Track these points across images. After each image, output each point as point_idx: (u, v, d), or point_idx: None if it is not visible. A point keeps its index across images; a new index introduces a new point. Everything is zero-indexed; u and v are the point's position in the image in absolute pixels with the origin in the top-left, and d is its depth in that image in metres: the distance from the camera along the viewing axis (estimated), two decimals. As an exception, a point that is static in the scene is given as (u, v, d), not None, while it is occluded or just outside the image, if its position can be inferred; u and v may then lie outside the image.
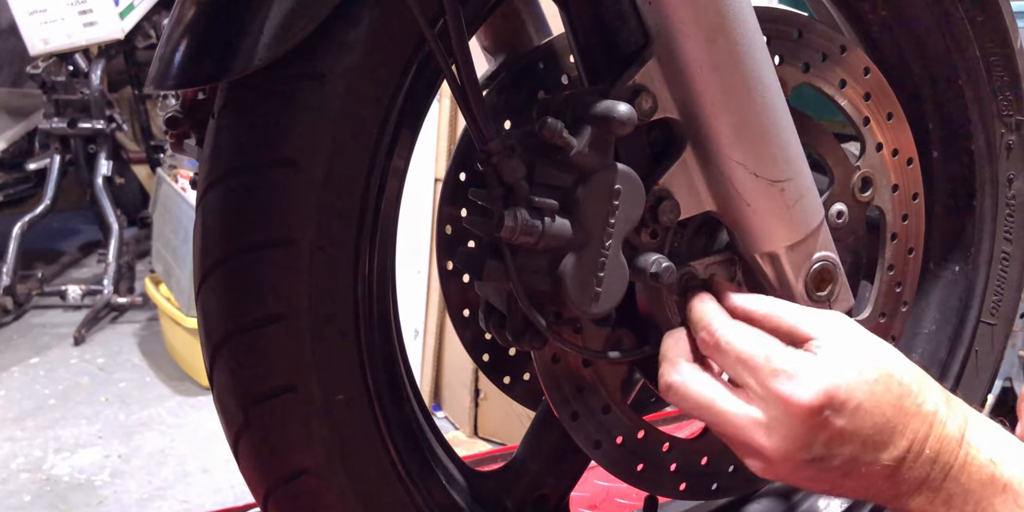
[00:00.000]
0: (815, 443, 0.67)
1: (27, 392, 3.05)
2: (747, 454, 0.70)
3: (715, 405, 0.70)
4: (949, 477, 0.68)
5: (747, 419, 0.69)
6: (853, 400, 0.67)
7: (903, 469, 0.67)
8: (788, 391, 0.67)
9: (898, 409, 0.68)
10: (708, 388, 0.71)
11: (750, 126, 0.74)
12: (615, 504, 1.39)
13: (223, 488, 2.47)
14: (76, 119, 3.76)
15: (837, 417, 0.66)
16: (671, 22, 0.70)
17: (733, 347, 0.71)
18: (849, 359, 0.68)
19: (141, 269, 3.99)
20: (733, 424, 0.69)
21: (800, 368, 0.68)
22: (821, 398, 0.66)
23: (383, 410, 0.74)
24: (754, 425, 0.68)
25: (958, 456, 0.68)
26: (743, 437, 0.69)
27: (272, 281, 0.67)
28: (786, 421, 0.67)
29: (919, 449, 0.67)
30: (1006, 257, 1.07)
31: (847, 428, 0.67)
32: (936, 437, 0.68)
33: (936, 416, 0.68)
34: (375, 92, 0.67)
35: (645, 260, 0.74)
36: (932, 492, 0.68)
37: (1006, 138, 1.04)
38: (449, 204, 0.85)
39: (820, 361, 0.68)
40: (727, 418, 0.70)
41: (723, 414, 0.70)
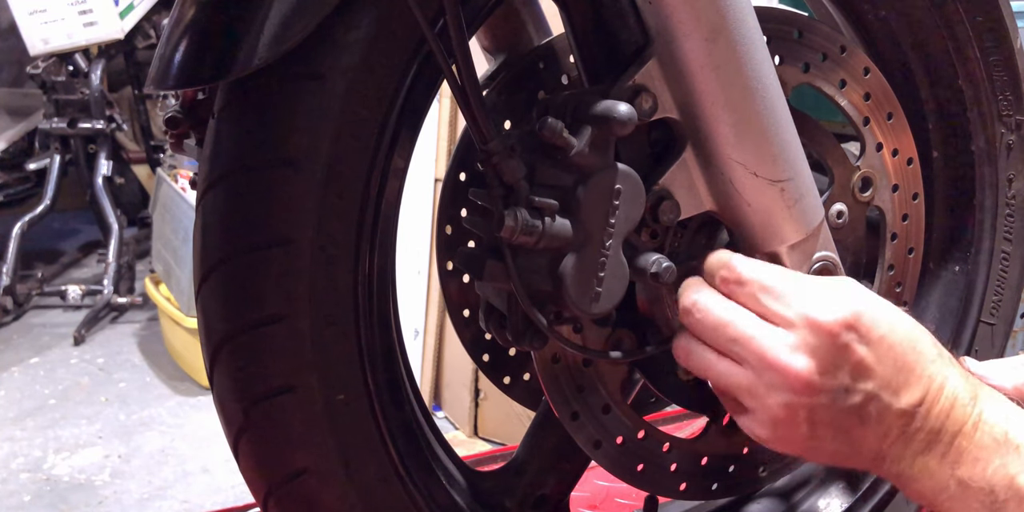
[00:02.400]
0: (840, 369, 0.66)
1: (27, 392, 3.05)
2: (769, 386, 0.67)
3: (738, 324, 0.68)
4: (962, 433, 0.67)
5: (773, 338, 0.67)
6: (878, 329, 0.66)
7: (917, 418, 0.66)
8: (815, 310, 0.66)
9: (916, 353, 0.67)
10: (731, 308, 0.69)
11: (750, 126, 0.74)
12: (615, 504, 1.39)
13: (223, 488, 2.47)
14: (76, 119, 3.76)
15: (861, 344, 0.66)
16: (671, 22, 0.70)
17: (756, 278, 0.69)
18: (872, 297, 0.69)
19: (141, 269, 3.99)
20: (757, 343, 0.67)
21: (827, 292, 0.68)
22: (849, 318, 0.66)
23: (383, 410, 0.74)
24: (780, 344, 0.66)
25: (971, 413, 0.67)
26: (768, 357, 0.66)
27: (272, 281, 0.67)
28: (813, 340, 0.66)
29: (934, 398, 0.67)
30: (1006, 257, 1.07)
31: (869, 360, 0.66)
32: (951, 391, 0.67)
33: (951, 371, 0.68)
34: (375, 92, 0.67)
35: (645, 260, 0.74)
36: (943, 449, 0.67)
37: (1006, 138, 1.04)
38: (449, 204, 0.85)
39: (846, 291, 0.68)
40: (751, 337, 0.67)
41: (746, 333, 0.68)
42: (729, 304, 0.70)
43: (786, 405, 0.67)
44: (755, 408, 0.69)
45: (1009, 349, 1.12)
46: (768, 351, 0.67)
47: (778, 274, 0.70)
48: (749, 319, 0.68)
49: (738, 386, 0.69)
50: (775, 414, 0.68)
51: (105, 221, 3.75)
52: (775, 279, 0.69)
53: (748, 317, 0.68)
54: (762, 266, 0.71)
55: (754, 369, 0.68)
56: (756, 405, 0.68)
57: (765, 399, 0.67)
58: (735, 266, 0.71)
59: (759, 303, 0.69)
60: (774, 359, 0.66)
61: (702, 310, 0.70)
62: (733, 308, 0.69)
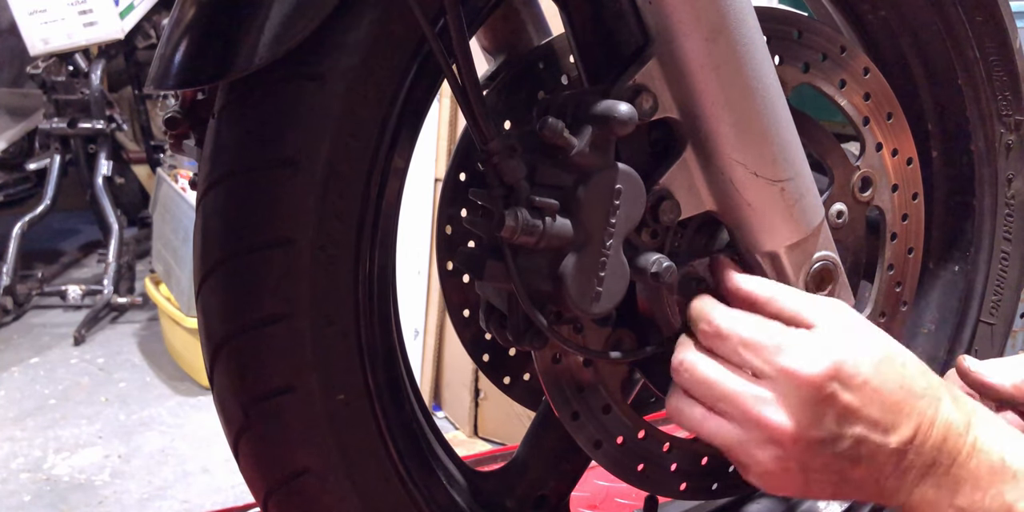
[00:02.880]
0: (825, 419, 0.66)
1: (27, 392, 3.05)
2: (757, 442, 0.68)
3: (722, 383, 0.69)
4: (957, 463, 0.67)
5: (756, 395, 0.68)
6: (860, 375, 0.66)
7: (910, 454, 0.66)
8: (795, 364, 0.66)
9: (904, 390, 0.67)
10: (716, 368, 0.70)
11: (750, 126, 0.74)
12: (615, 504, 1.39)
13: (223, 488, 2.47)
14: (76, 119, 3.76)
15: (845, 392, 0.66)
16: (671, 22, 0.70)
17: (735, 331, 0.70)
18: (854, 339, 0.68)
19: (141, 269, 3.99)
20: (741, 401, 0.68)
21: (806, 344, 0.68)
22: (829, 369, 0.66)
23: (383, 410, 0.74)
24: (763, 402, 0.67)
25: (966, 442, 0.67)
26: (752, 414, 0.67)
27: (272, 281, 0.67)
28: (795, 395, 0.66)
29: (926, 432, 0.67)
30: (1005, 257, 1.07)
31: (854, 405, 0.66)
32: (943, 422, 0.67)
33: (941, 402, 0.68)
34: (375, 92, 0.67)
35: (646, 260, 0.74)
36: (939, 479, 0.67)
37: (1005, 138, 1.04)
38: (449, 204, 0.85)
39: (826, 338, 0.68)
40: (735, 395, 0.68)
41: (731, 391, 0.69)
42: (712, 364, 0.71)
43: (776, 459, 0.68)
44: (748, 463, 0.70)
45: (1009, 349, 1.12)
46: (751, 409, 0.68)
47: (756, 327, 0.70)
48: (732, 377, 0.70)
49: (729, 443, 0.70)
50: (767, 468, 0.69)
51: (105, 221, 3.75)
52: (754, 332, 0.70)
53: (730, 376, 0.70)
54: (741, 319, 0.72)
55: (741, 426, 0.69)
56: (748, 460, 0.69)
57: (755, 455, 0.68)
58: (714, 320, 0.72)
59: (741, 358, 0.70)
60: (758, 416, 0.67)
61: (688, 369, 0.72)
62: (716, 366, 0.71)
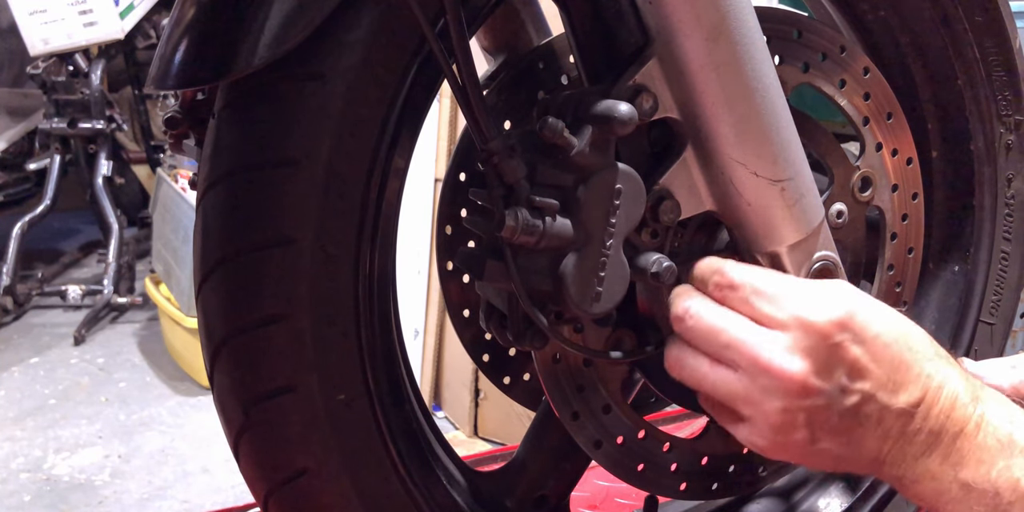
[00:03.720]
0: (835, 369, 0.65)
1: (27, 392, 3.05)
2: (764, 391, 0.66)
3: (731, 329, 0.68)
4: (964, 434, 0.66)
5: (767, 341, 0.66)
6: (871, 328, 0.66)
7: (916, 418, 0.65)
8: (807, 311, 0.66)
9: (913, 353, 0.67)
10: (724, 313, 0.69)
11: (750, 126, 0.74)
12: (615, 504, 1.39)
13: (223, 488, 2.47)
14: (76, 119, 3.76)
15: (855, 344, 0.65)
16: (671, 22, 0.70)
17: (748, 281, 0.69)
18: (864, 298, 0.68)
19: (141, 269, 3.99)
20: (750, 347, 0.66)
21: (819, 293, 0.67)
22: (841, 317, 0.65)
23: (383, 410, 0.74)
24: (774, 346, 0.65)
25: (974, 413, 0.66)
26: (762, 360, 0.65)
27: (272, 281, 0.67)
28: (806, 341, 0.65)
29: (934, 398, 0.66)
30: (1005, 257, 1.07)
31: (863, 359, 0.65)
32: (951, 391, 0.66)
33: (950, 371, 0.67)
34: (375, 92, 0.67)
35: (646, 260, 0.74)
36: (944, 450, 0.66)
37: (1005, 138, 1.04)
38: (449, 204, 0.85)
39: (839, 291, 0.68)
40: (744, 341, 0.67)
41: (739, 337, 0.67)
42: (722, 309, 0.69)
43: (783, 410, 0.66)
44: (752, 416, 0.68)
45: (1009, 349, 1.12)
46: (761, 354, 0.66)
47: (770, 277, 0.70)
48: (742, 323, 0.68)
49: (734, 394, 0.68)
50: (773, 420, 0.67)
51: (105, 221, 3.75)
52: (767, 282, 0.69)
53: (741, 322, 0.68)
54: (754, 270, 0.71)
55: (748, 374, 0.67)
56: (753, 412, 0.67)
57: (762, 405, 0.66)
58: (727, 271, 0.70)
59: (752, 307, 0.68)
60: (768, 362, 0.65)
61: (694, 316, 0.70)
62: (725, 313, 0.69)
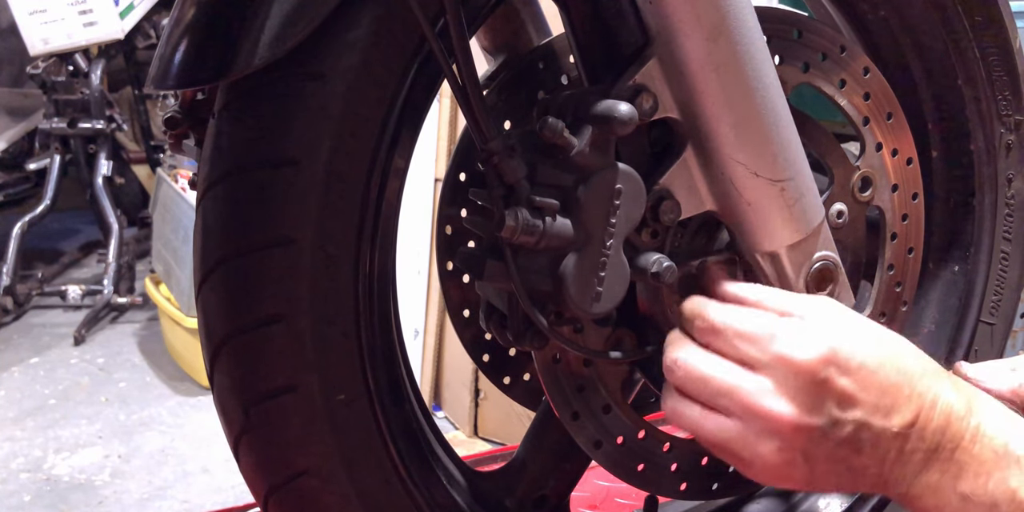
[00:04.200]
0: (824, 405, 0.66)
1: (27, 392, 3.05)
2: (758, 434, 0.67)
3: (719, 377, 0.69)
4: (960, 448, 0.66)
5: (754, 386, 0.67)
6: (855, 359, 0.66)
7: (913, 438, 0.66)
8: (790, 350, 0.66)
9: (902, 374, 0.67)
10: (713, 363, 0.70)
11: (750, 126, 0.74)
12: (615, 504, 1.39)
13: (223, 488, 2.47)
14: (76, 119, 3.75)
15: (841, 376, 0.66)
16: (671, 22, 0.70)
17: (729, 324, 0.70)
18: (846, 326, 0.69)
19: (141, 269, 3.99)
20: (740, 393, 0.67)
21: (800, 330, 0.68)
22: (824, 354, 0.66)
23: (383, 410, 0.74)
24: (762, 392, 0.67)
25: (969, 425, 0.66)
26: (752, 405, 0.67)
27: (272, 281, 0.67)
28: (792, 381, 0.66)
29: (928, 416, 0.66)
30: (1005, 257, 1.07)
31: (851, 389, 0.66)
32: (944, 406, 0.67)
33: (941, 386, 0.67)
34: (376, 92, 0.67)
35: (646, 260, 0.74)
36: (943, 465, 0.66)
37: (1005, 138, 1.04)
38: (449, 204, 0.85)
39: (819, 325, 0.68)
40: (733, 387, 0.68)
41: (729, 384, 0.68)
42: (708, 357, 0.71)
43: (779, 450, 0.67)
44: (751, 458, 0.69)
45: (1009, 349, 1.12)
46: (751, 399, 0.67)
47: (750, 318, 0.70)
48: (729, 370, 0.69)
49: (730, 440, 0.69)
50: (770, 461, 0.68)
51: (105, 221, 3.75)
52: (748, 324, 0.70)
53: (728, 368, 0.69)
54: (734, 312, 0.71)
55: (741, 419, 0.68)
56: (751, 455, 0.69)
57: (757, 448, 0.68)
58: (708, 315, 0.72)
59: (737, 350, 0.69)
60: (758, 407, 0.67)
61: (683, 367, 0.71)
62: (712, 361, 0.70)
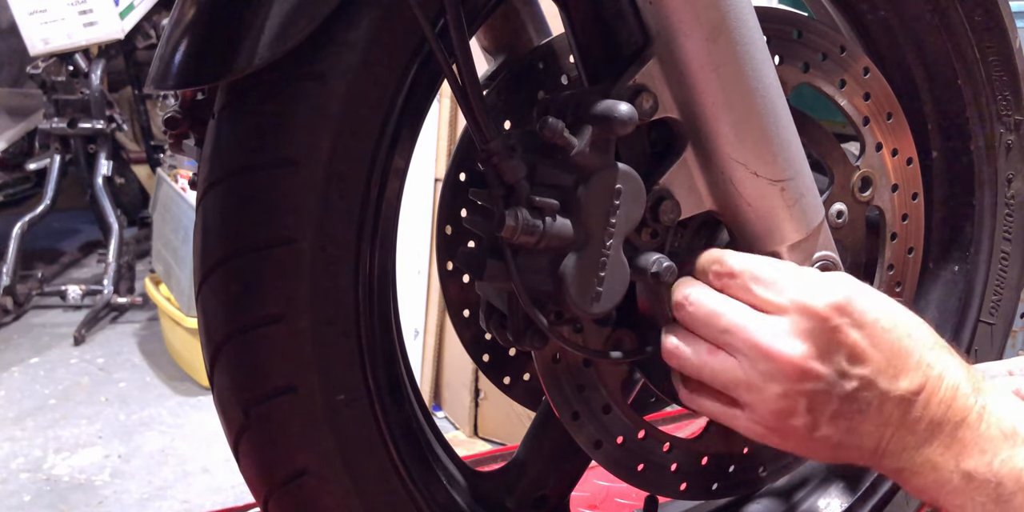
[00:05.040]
0: (834, 353, 0.65)
1: (27, 392, 3.05)
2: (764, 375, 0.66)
3: (730, 314, 0.68)
4: (966, 424, 0.65)
5: (765, 325, 0.66)
6: (870, 313, 0.66)
7: (917, 406, 0.65)
8: (806, 295, 0.66)
9: (914, 340, 0.66)
10: (723, 299, 0.69)
11: (750, 126, 0.74)
12: (615, 504, 1.39)
13: (223, 488, 2.47)
14: (76, 119, 3.75)
15: (853, 328, 0.65)
16: (671, 22, 0.70)
17: (747, 268, 0.69)
18: (864, 286, 0.68)
19: (141, 269, 3.99)
20: (750, 331, 0.66)
21: (818, 279, 0.68)
22: (840, 301, 0.65)
23: (383, 410, 0.74)
24: (772, 332, 0.66)
25: (975, 404, 0.66)
26: (761, 344, 0.66)
27: (273, 281, 0.67)
28: (805, 325, 0.65)
29: (934, 387, 0.66)
30: (1005, 257, 1.07)
31: (862, 344, 0.65)
32: (952, 380, 0.66)
33: (950, 361, 0.67)
34: (376, 92, 0.67)
35: (646, 260, 0.74)
36: (945, 439, 0.65)
37: (1005, 138, 1.04)
38: (449, 204, 0.85)
39: (838, 278, 0.68)
40: (743, 325, 0.67)
41: (738, 322, 0.67)
42: (721, 296, 0.70)
43: (783, 394, 0.66)
44: (752, 402, 0.67)
45: (1009, 349, 1.12)
46: (761, 338, 0.66)
47: (769, 264, 0.70)
48: (741, 309, 0.68)
49: (734, 380, 0.68)
50: (773, 405, 0.66)
51: (105, 221, 3.75)
52: (766, 269, 0.69)
53: (740, 307, 0.68)
54: (753, 258, 0.71)
55: (748, 359, 0.67)
56: (753, 398, 0.67)
57: (762, 390, 0.66)
58: (726, 259, 0.71)
59: (751, 293, 0.68)
60: (767, 346, 0.66)
61: (694, 303, 0.70)
62: (725, 299, 0.69)
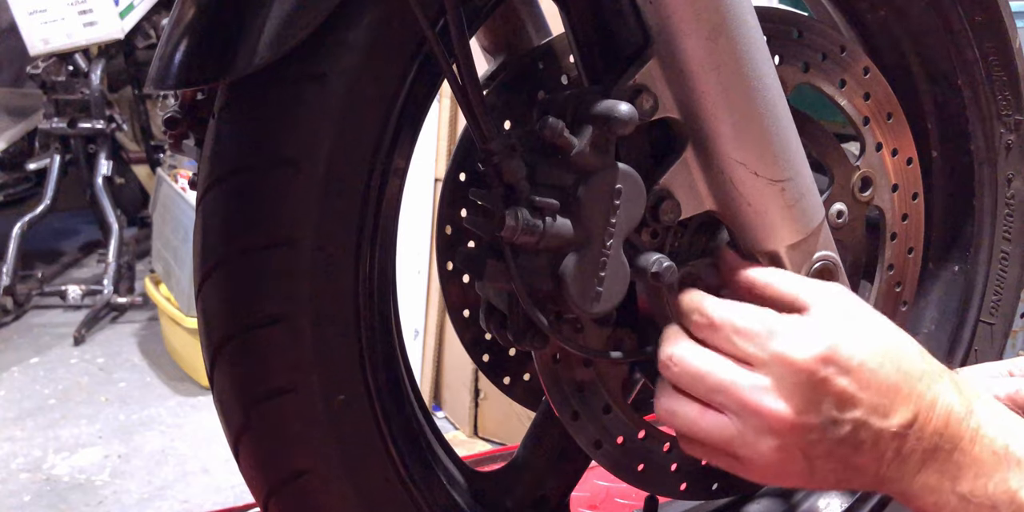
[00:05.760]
0: (822, 404, 0.65)
1: (27, 392, 3.05)
2: (756, 432, 0.66)
3: (715, 373, 0.68)
4: (959, 449, 0.65)
5: (752, 383, 0.66)
6: (855, 358, 0.65)
7: (911, 438, 0.65)
8: (789, 349, 0.66)
9: (902, 373, 0.66)
10: (709, 358, 0.69)
11: (750, 126, 0.74)
12: (615, 504, 1.39)
13: (223, 488, 2.47)
14: (76, 119, 3.75)
15: (840, 376, 0.65)
16: (672, 22, 0.70)
17: (728, 320, 0.69)
18: (849, 323, 0.68)
19: (141, 269, 3.99)
20: (736, 390, 0.66)
21: (800, 328, 0.67)
22: (822, 353, 0.65)
23: (383, 410, 0.74)
24: (759, 389, 0.66)
25: (968, 427, 0.66)
26: (749, 403, 0.66)
27: (272, 281, 0.67)
28: (790, 380, 0.65)
29: (927, 416, 0.66)
30: (1005, 257, 1.07)
31: (850, 389, 0.65)
32: (944, 406, 0.66)
33: (942, 386, 0.67)
34: (376, 92, 0.67)
35: (646, 260, 0.74)
36: (940, 465, 0.66)
37: (1005, 138, 1.04)
38: (449, 204, 0.85)
39: (821, 322, 0.68)
40: (730, 384, 0.67)
41: (724, 381, 0.67)
42: (705, 353, 0.70)
43: (778, 448, 0.66)
44: (749, 456, 0.68)
45: (1009, 349, 1.12)
46: (749, 397, 0.66)
47: (750, 314, 0.69)
48: (726, 366, 0.68)
49: (728, 438, 0.68)
50: (769, 459, 0.67)
51: (105, 221, 3.75)
52: (747, 320, 0.69)
53: (725, 364, 0.68)
54: (733, 307, 0.71)
55: (739, 417, 0.67)
56: (749, 453, 0.68)
57: (756, 446, 0.67)
58: (706, 310, 0.71)
59: (734, 346, 0.68)
60: (755, 405, 0.66)
61: (679, 363, 0.70)
62: (709, 357, 0.69)
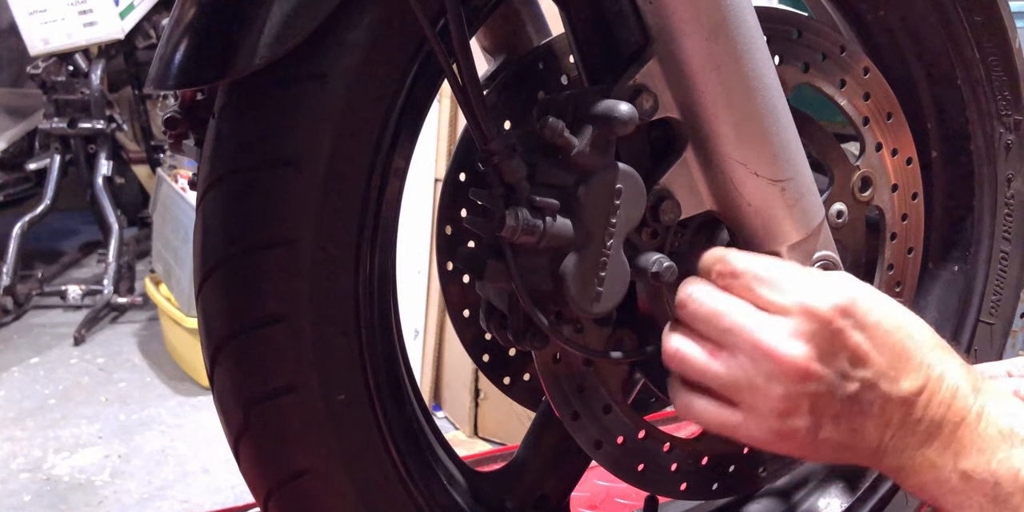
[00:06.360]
0: (836, 355, 0.65)
1: (27, 392, 3.05)
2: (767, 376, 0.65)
3: (732, 314, 0.67)
4: (964, 424, 0.65)
5: (767, 325, 0.66)
6: (872, 315, 0.66)
7: (917, 407, 0.65)
8: (809, 297, 0.66)
9: (915, 342, 0.67)
10: (727, 299, 0.69)
11: (750, 126, 0.74)
12: (615, 504, 1.39)
13: (223, 488, 2.47)
14: (76, 119, 3.75)
15: (856, 330, 0.65)
16: (672, 22, 0.70)
17: (750, 268, 0.69)
18: (867, 287, 0.68)
19: (141, 269, 3.99)
20: (751, 331, 0.66)
21: (821, 279, 0.68)
22: (843, 302, 0.65)
23: (383, 410, 0.74)
24: (775, 332, 0.65)
25: (974, 404, 0.66)
26: (763, 345, 0.65)
27: (273, 281, 0.67)
28: (808, 326, 0.65)
29: (934, 388, 0.66)
30: (1005, 256, 1.07)
31: (865, 346, 0.65)
32: (951, 381, 0.66)
33: (951, 363, 0.67)
34: (376, 92, 0.67)
35: (646, 260, 0.74)
36: (944, 440, 0.66)
37: (1005, 138, 1.04)
38: (449, 204, 0.85)
39: (842, 278, 0.68)
40: (745, 325, 0.66)
41: (740, 322, 0.67)
42: (723, 295, 0.69)
43: (786, 395, 0.65)
44: (754, 403, 0.67)
45: (1008, 349, 1.12)
46: (763, 339, 0.65)
47: (773, 264, 0.70)
48: (744, 308, 0.68)
49: (736, 381, 0.67)
50: (775, 406, 0.66)
51: (105, 221, 3.75)
52: (769, 269, 0.69)
53: (743, 306, 0.68)
54: (756, 258, 0.71)
55: (750, 359, 0.66)
56: (755, 400, 0.66)
57: (764, 391, 0.66)
58: (729, 259, 0.70)
59: (754, 293, 0.68)
60: (770, 347, 0.65)
61: (696, 301, 0.69)
62: (727, 298, 0.69)
